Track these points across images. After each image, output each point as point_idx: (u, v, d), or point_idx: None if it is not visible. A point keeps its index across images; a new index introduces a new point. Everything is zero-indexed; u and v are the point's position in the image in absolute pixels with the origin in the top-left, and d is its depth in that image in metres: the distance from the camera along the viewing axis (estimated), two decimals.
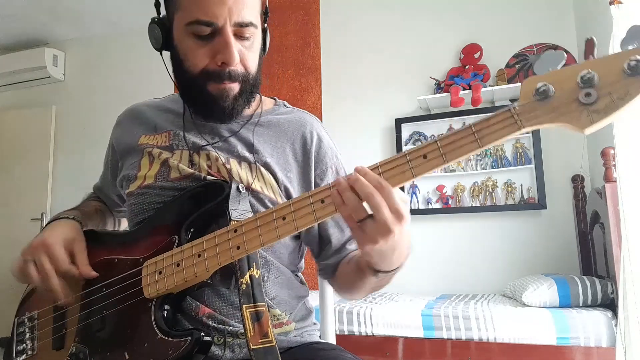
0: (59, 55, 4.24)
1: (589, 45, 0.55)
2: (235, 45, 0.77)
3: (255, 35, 0.80)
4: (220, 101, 0.81)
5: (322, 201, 0.63)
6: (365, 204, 0.59)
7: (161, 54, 0.85)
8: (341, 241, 0.88)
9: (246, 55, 0.80)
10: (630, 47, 0.52)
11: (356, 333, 2.31)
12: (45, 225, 0.86)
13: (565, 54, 0.57)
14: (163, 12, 0.84)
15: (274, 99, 0.98)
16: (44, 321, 0.83)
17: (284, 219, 0.65)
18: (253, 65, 0.82)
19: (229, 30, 0.76)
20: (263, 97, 0.95)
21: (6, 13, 3.75)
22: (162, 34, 0.82)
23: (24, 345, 0.83)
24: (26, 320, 0.85)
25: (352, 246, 0.88)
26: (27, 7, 3.71)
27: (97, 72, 4.19)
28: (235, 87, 0.80)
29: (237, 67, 0.79)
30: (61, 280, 0.77)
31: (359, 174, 0.60)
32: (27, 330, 0.84)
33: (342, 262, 0.88)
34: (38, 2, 3.64)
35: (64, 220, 0.86)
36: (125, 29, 4.07)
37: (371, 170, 0.61)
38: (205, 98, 0.81)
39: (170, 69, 0.84)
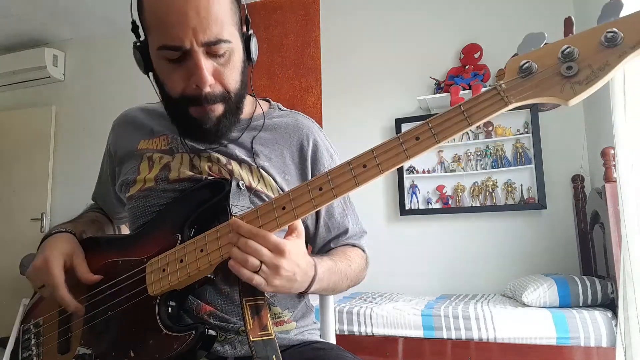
0: (59, 55, 4.23)
1: (568, 24, 0.58)
2: (208, 66, 0.73)
3: (232, 50, 0.75)
4: (203, 125, 0.78)
5: (320, 189, 0.65)
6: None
7: (148, 76, 0.83)
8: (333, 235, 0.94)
9: (222, 72, 0.76)
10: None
11: (356, 333, 2.31)
12: (41, 242, 0.85)
13: (546, 35, 0.59)
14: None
15: (268, 101, 0.98)
16: (49, 326, 0.83)
17: (283, 208, 0.66)
18: (232, 81, 0.77)
19: (198, 52, 0.71)
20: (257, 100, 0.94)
21: (6, 13, 3.75)
22: (142, 58, 0.80)
23: (30, 352, 0.83)
24: (31, 327, 0.85)
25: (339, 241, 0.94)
26: (27, 7, 3.71)
27: (97, 72, 4.19)
28: (217, 109, 0.77)
29: (214, 88, 0.75)
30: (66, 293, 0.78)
31: (233, 227, 0.66)
32: (32, 336, 0.84)
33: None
34: (38, 2, 3.64)
35: (58, 235, 0.85)
36: (125, 29, 4.02)
37: (365, 154, 0.64)
38: (189, 121, 0.79)
39: (158, 89, 0.82)
